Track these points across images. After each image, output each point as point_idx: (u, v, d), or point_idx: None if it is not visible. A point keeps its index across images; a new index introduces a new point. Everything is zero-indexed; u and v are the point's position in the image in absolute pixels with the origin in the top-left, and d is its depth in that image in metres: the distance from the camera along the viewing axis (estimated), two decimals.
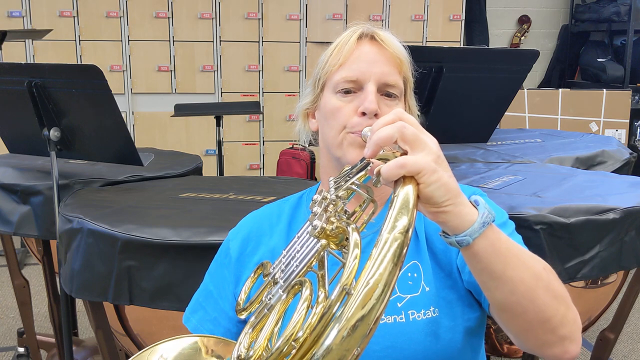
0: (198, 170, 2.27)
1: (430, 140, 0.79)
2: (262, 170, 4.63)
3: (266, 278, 0.89)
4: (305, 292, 0.73)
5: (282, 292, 0.79)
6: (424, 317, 0.99)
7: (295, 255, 0.81)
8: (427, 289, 1.01)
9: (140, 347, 1.65)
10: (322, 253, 0.77)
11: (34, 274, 3.61)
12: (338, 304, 0.67)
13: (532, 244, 1.49)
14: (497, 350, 1.92)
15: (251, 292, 0.96)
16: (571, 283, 1.58)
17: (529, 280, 0.83)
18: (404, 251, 0.69)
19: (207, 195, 1.83)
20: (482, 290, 0.88)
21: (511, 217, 1.10)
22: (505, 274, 0.82)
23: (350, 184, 0.83)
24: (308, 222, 0.83)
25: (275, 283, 0.82)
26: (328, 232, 0.76)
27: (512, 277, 0.82)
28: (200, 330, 1.14)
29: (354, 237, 0.73)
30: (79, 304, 2.82)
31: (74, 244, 1.57)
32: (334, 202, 0.79)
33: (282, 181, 2.13)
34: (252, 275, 0.96)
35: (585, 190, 1.75)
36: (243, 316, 0.92)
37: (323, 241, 0.76)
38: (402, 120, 0.80)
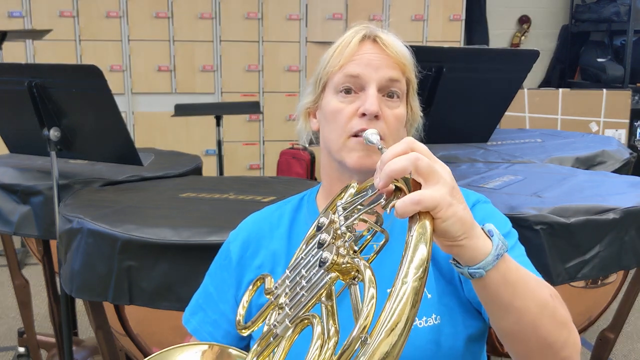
0: (198, 170, 2.27)
1: (444, 171, 0.76)
2: (262, 170, 4.63)
3: (268, 296, 0.87)
4: (317, 328, 0.71)
5: (290, 323, 0.77)
6: (425, 325, 0.98)
7: (301, 282, 0.79)
8: (429, 296, 1.00)
9: (140, 347, 1.65)
10: (331, 286, 0.75)
11: (34, 274, 3.61)
12: (357, 344, 0.66)
13: (532, 244, 1.48)
14: (497, 350, 1.92)
15: (251, 304, 0.95)
16: (571, 283, 1.58)
17: (535, 310, 0.83)
18: (421, 293, 0.67)
19: (207, 195, 1.83)
20: (488, 317, 0.88)
21: (511, 217, 1.10)
22: (512, 304, 0.82)
23: (361, 216, 0.80)
24: (316, 243, 0.80)
25: (281, 308, 0.80)
26: (338, 266, 0.74)
27: (519, 307, 0.82)
28: (200, 332, 1.13)
29: (368, 274, 0.71)
30: (79, 304, 2.82)
31: (74, 244, 1.57)
32: (343, 234, 0.76)
33: (282, 181, 2.13)
34: (251, 287, 0.96)
35: (585, 190, 1.75)
36: (244, 334, 0.92)
37: (333, 274, 0.74)
38: (415, 150, 0.76)
